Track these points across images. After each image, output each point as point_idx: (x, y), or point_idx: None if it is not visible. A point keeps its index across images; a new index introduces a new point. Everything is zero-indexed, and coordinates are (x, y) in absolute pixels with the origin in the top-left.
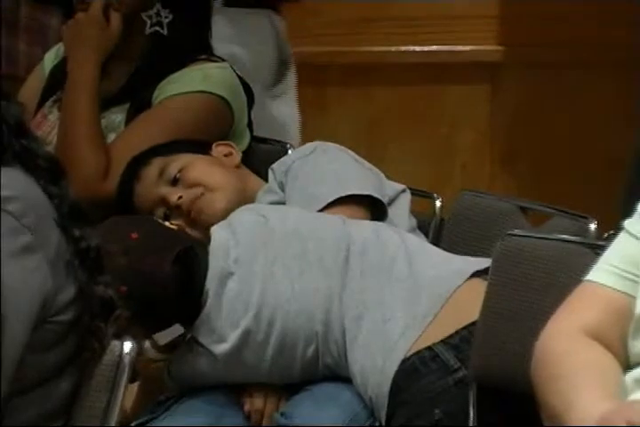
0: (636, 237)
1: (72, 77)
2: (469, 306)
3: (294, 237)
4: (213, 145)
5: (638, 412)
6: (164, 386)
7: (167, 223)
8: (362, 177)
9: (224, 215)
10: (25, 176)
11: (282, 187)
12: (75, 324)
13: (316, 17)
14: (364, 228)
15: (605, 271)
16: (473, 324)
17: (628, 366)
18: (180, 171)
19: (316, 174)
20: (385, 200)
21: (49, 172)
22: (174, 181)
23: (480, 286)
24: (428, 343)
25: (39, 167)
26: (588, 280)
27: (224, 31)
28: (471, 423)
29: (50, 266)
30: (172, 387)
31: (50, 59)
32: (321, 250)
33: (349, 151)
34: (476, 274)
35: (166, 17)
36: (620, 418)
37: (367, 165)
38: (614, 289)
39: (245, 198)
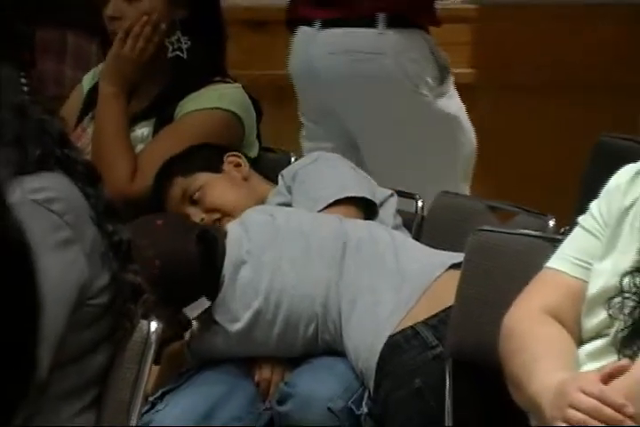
0: (588, 231)
1: (103, 99)
2: (446, 293)
3: (298, 234)
4: (225, 156)
5: (590, 381)
6: (182, 364)
7: None
8: (357, 182)
9: None
10: (66, 180)
11: (289, 190)
12: (109, 306)
13: None
14: (359, 227)
15: (562, 260)
16: (449, 308)
17: (580, 342)
18: (198, 190)
19: (318, 180)
20: (377, 203)
21: (86, 176)
22: (195, 202)
23: (456, 276)
24: (411, 324)
25: (78, 172)
26: (548, 267)
27: (395, 47)
28: (447, 393)
29: (86, 257)
30: (191, 362)
31: (88, 80)
32: (321, 245)
33: (347, 161)
34: (453, 266)
35: (186, 43)
36: (574, 386)
37: (362, 172)
38: (570, 275)
39: (256, 202)
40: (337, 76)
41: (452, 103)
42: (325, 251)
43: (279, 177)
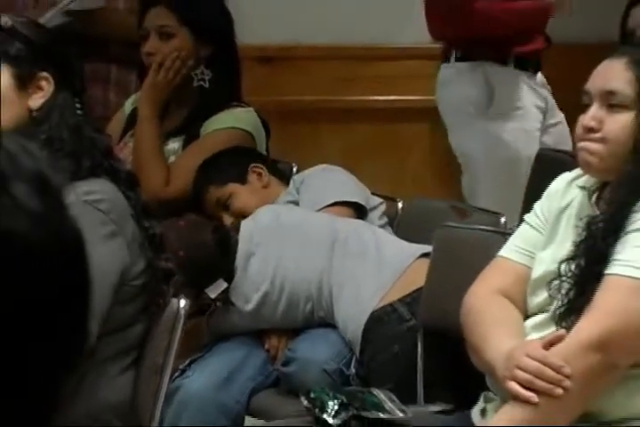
0: (532, 227)
1: (141, 120)
2: (417, 277)
3: (298, 230)
4: (249, 168)
5: (534, 347)
6: (200, 337)
7: None
8: (353, 189)
9: None
10: (111, 185)
11: (297, 191)
12: (145, 287)
13: (310, 74)
14: (347, 224)
15: (511, 250)
16: (420, 288)
17: (526, 316)
18: (228, 198)
19: (321, 185)
20: (368, 207)
21: (127, 182)
22: (226, 207)
23: (425, 263)
24: (389, 302)
25: (121, 179)
26: (499, 256)
27: (453, 79)
28: (419, 357)
29: (127, 247)
30: (211, 336)
31: (128, 104)
32: (316, 239)
33: (348, 173)
34: (422, 255)
35: (208, 75)
36: (521, 352)
37: (359, 183)
38: (517, 262)
39: (272, 203)
40: None
41: None
42: (319, 244)
43: (291, 181)
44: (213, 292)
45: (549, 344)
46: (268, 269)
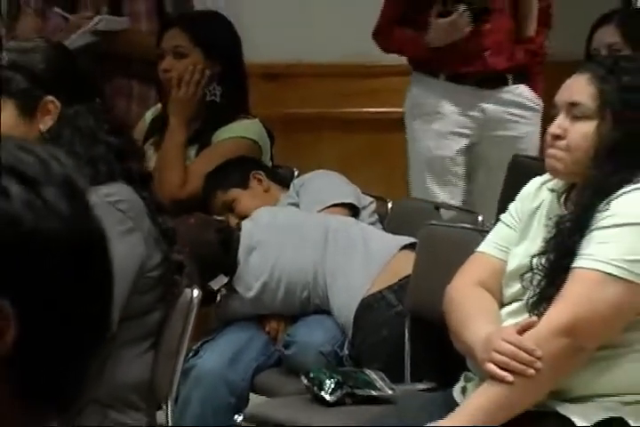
0: (507, 225)
1: (170, 128)
2: (402, 266)
3: (294, 227)
4: (251, 174)
5: (509, 332)
6: (210, 325)
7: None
8: (348, 191)
9: None
10: (127, 187)
11: (297, 194)
12: (161, 278)
13: (310, 88)
14: (338, 221)
15: (488, 245)
16: (406, 277)
17: (502, 305)
18: (232, 202)
19: (319, 188)
20: (360, 206)
21: (142, 184)
22: (231, 209)
23: (408, 253)
24: (378, 289)
25: (136, 181)
26: (478, 251)
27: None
28: (406, 340)
29: (144, 241)
30: (218, 321)
31: (149, 115)
32: (310, 235)
33: (341, 176)
34: (405, 246)
35: (219, 90)
36: (498, 336)
37: (351, 185)
38: (494, 256)
39: (273, 205)
40: None
41: None
42: (313, 239)
43: (291, 184)
44: (215, 285)
45: (523, 330)
46: (268, 262)
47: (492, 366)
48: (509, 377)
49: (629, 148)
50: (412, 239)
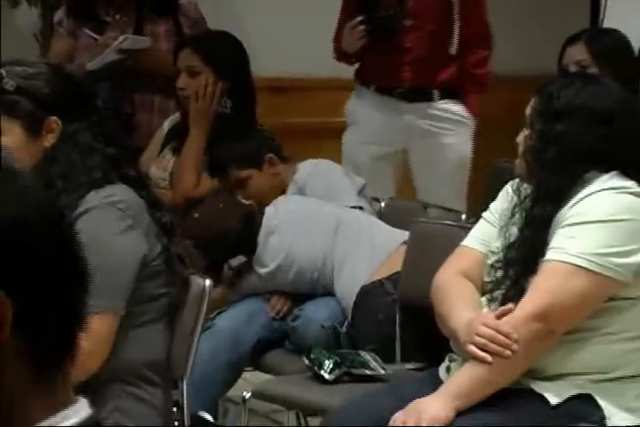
0: (488, 222)
1: (192, 136)
2: (400, 260)
3: (310, 216)
4: (265, 157)
5: (489, 317)
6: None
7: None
8: (351, 190)
9: None
10: (126, 188)
11: (300, 191)
12: (163, 266)
13: (313, 100)
14: (350, 214)
15: (471, 240)
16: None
17: (483, 293)
18: (245, 180)
19: (327, 193)
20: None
21: (139, 184)
22: (241, 187)
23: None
24: (378, 278)
25: (133, 182)
26: (462, 245)
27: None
28: (397, 325)
29: (144, 236)
30: (235, 295)
31: (166, 124)
32: (323, 224)
33: (338, 166)
34: (405, 242)
35: (229, 103)
36: (479, 321)
37: (347, 174)
38: (476, 250)
39: (281, 188)
40: None
41: None
42: (326, 229)
43: (292, 182)
44: (234, 262)
45: (501, 315)
46: (284, 246)
47: (473, 348)
48: (488, 358)
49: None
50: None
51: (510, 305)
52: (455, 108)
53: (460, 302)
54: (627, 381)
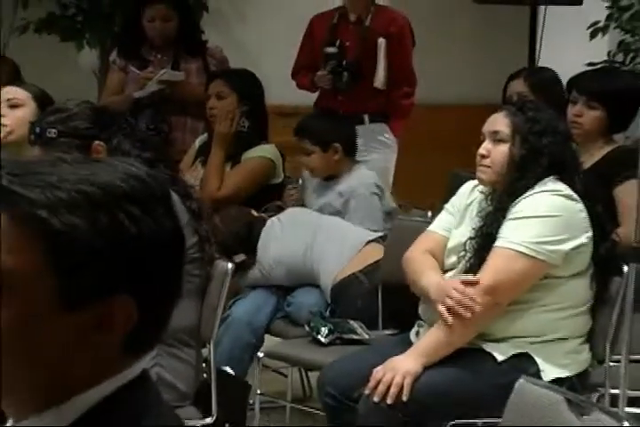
0: (449, 213)
1: (215, 151)
2: (370, 255)
3: (300, 227)
4: (333, 143)
5: (456, 282)
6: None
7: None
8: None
9: None
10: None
11: (342, 203)
12: (197, 253)
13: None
14: (328, 224)
15: (435, 226)
16: (373, 262)
17: (443, 271)
18: (308, 154)
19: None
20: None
21: (173, 181)
22: (307, 154)
23: (375, 245)
24: (352, 272)
25: (178, 186)
26: (428, 230)
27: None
28: (379, 302)
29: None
30: (242, 287)
31: (197, 142)
32: (307, 230)
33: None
34: (373, 240)
35: (247, 123)
36: (449, 286)
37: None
38: (439, 233)
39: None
40: None
41: None
42: (306, 232)
43: (337, 189)
44: (237, 259)
45: (465, 283)
46: (279, 252)
47: (442, 309)
48: (450, 320)
49: (532, 162)
50: (377, 234)
51: (470, 276)
52: (380, 129)
53: (428, 269)
54: (556, 342)
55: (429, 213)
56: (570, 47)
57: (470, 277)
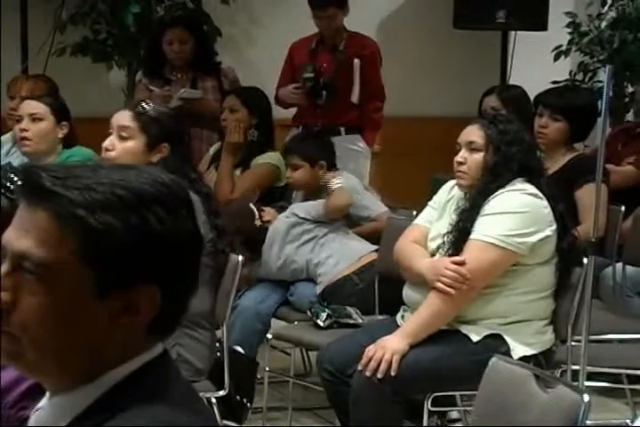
0: (432, 208)
1: (225, 159)
2: (366, 259)
3: (297, 233)
4: (320, 160)
5: (447, 261)
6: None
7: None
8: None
9: None
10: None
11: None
12: (212, 247)
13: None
14: (330, 231)
15: (420, 219)
16: (365, 264)
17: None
18: (294, 168)
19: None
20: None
21: (192, 181)
22: (294, 169)
23: (372, 254)
24: (347, 273)
25: (200, 191)
26: (414, 223)
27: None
28: (376, 292)
29: (201, 225)
30: (251, 280)
31: (212, 150)
32: (308, 237)
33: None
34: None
35: (256, 133)
36: (442, 264)
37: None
38: (423, 226)
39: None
40: None
41: None
42: (308, 239)
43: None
44: (242, 256)
45: (454, 263)
46: (282, 254)
47: (440, 284)
48: (452, 291)
49: (503, 168)
50: (374, 247)
51: (456, 258)
52: (355, 140)
53: (418, 254)
54: (525, 323)
55: (414, 212)
56: (536, 67)
57: (457, 258)
